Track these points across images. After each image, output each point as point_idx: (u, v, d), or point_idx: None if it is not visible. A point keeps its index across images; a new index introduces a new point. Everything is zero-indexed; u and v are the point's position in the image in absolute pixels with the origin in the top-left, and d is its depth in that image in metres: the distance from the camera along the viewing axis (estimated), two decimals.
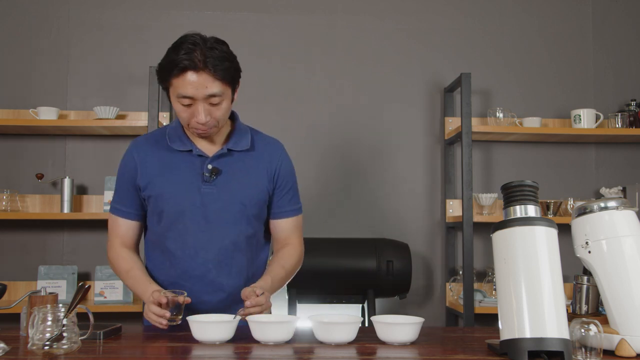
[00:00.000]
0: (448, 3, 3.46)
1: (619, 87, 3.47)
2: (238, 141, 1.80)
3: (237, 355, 1.38)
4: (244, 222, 1.77)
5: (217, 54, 1.65)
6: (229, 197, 1.74)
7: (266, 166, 1.81)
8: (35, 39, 3.30)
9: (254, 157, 1.81)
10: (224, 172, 1.76)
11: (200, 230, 1.74)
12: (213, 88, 1.64)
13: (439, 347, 1.48)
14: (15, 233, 3.22)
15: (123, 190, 1.82)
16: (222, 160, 1.77)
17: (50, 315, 1.33)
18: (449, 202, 3.32)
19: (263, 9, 3.39)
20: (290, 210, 1.85)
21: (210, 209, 1.73)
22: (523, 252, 1.30)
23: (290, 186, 1.86)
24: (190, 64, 1.62)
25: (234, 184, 1.75)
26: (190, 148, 1.77)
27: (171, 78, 1.66)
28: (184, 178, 1.75)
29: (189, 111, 1.68)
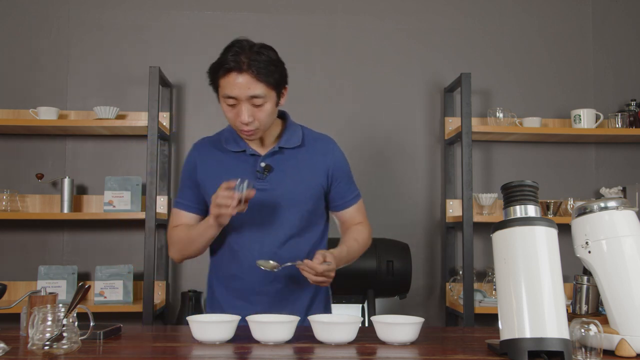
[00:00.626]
0: (448, 3, 3.46)
1: (619, 87, 3.47)
2: (289, 139, 1.87)
3: (237, 355, 1.38)
4: (297, 217, 1.83)
5: (263, 58, 1.73)
6: (282, 193, 1.81)
7: (319, 162, 1.88)
8: (35, 39, 3.30)
9: (306, 153, 1.88)
10: (277, 169, 1.83)
11: (255, 225, 1.81)
12: (256, 89, 1.71)
13: (439, 347, 1.48)
14: (15, 233, 3.22)
15: (186, 186, 1.92)
16: (275, 157, 1.84)
17: (50, 315, 1.33)
18: (449, 202, 3.32)
19: (263, 9, 3.39)
20: (351, 198, 1.94)
21: (264, 205, 1.80)
22: (523, 252, 1.30)
23: (347, 177, 1.93)
24: (235, 65, 1.71)
25: (286, 180, 1.82)
26: (243, 148, 1.85)
27: (218, 78, 1.75)
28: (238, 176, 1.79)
29: (234, 111, 1.75)
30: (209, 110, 3.33)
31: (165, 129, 3.17)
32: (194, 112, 3.34)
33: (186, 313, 2.99)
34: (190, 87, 3.35)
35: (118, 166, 3.27)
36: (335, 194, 1.90)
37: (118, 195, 3.06)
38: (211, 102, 3.32)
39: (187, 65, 3.34)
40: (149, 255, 2.85)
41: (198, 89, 3.34)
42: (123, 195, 3.06)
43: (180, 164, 3.31)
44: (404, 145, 3.37)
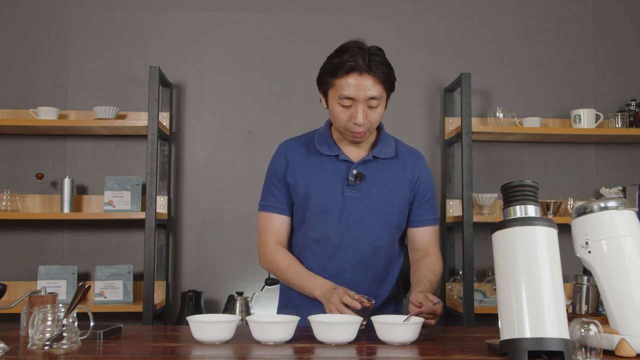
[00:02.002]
0: (448, 3, 3.46)
1: (619, 87, 3.47)
2: (383, 149, 1.87)
3: (237, 355, 1.38)
4: (384, 228, 1.82)
5: (379, 59, 1.74)
6: (370, 203, 1.80)
7: (408, 175, 1.87)
8: (35, 39, 3.30)
9: (397, 165, 1.88)
10: (368, 178, 1.82)
11: (340, 231, 1.80)
12: (374, 91, 1.71)
13: (439, 347, 1.48)
14: (15, 233, 3.22)
15: (275, 187, 1.88)
16: (367, 166, 1.84)
17: (50, 315, 1.33)
18: (449, 202, 3.32)
19: (263, 9, 3.39)
20: (429, 219, 1.90)
21: (352, 213, 1.80)
22: (523, 252, 1.30)
23: (430, 196, 1.91)
24: (355, 65, 1.70)
25: (376, 191, 1.82)
26: (337, 153, 1.84)
27: (334, 79, 1.73)
28: (329, 180, 1.82)
29: (348, 113, 1.74)
30: (209, 110, 3.34)
31: (165, 129, 3.17)
32: (194, 112, 3.34)
33: (186, 313, 2.99)
34: (190, 87, 3.35)
35: (118, 166, 3.27)
36: (414, 209, 1.89)
37: (118, 195, 3.06)
38: (211, 102, 3.35)
39: (187, 65, 3.34)
40: (149, 255, 2.85)
41: (198, 89, 3.34)
42: (123, 195, 3.06)
43: (181, 164, 3.31)
44: None
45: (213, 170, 3.32)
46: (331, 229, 1.80)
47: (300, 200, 1.84)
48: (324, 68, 1.78)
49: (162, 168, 3.22)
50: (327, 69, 1.76)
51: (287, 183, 1.86)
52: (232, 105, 3.35)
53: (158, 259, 3.16)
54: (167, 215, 3.21)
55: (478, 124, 3.29)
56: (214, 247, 3.27)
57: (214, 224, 3.28)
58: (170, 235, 3.28)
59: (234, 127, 3.33)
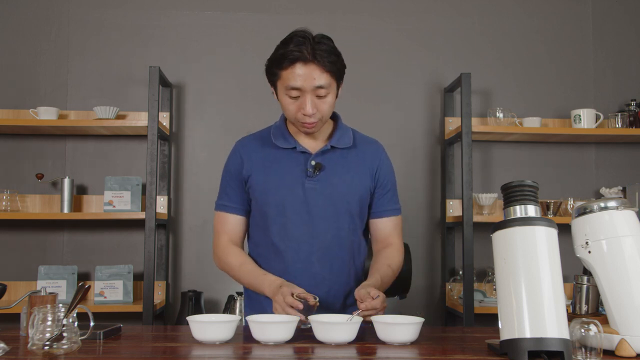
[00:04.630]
0: (448, 3, 3.46)
1: (619, 87, 3.47)
2: (340, 138, 1.85)
3: (237, 355, 1.38)
4: (346, 218, 1.81)
5: (325, 47, 1.70)
6: (331, 192, 1.79)
7: (368, 164, 1.86)
8: (35, 39, 3.30)
9: (357, 154, 1.86)
10: (327, 168, 1.80)
11: (303, 223, 1.78)
12: (321, 80, 1.69)
13: (439, 347, 1.48)
14: (15, 233, 3.22)
15: (229, 186, 1.87)
16: (325, 156, 1.82)
17: (50, 315, 1.33)
18: (449, 202, 3.32)
19: (263, 9, 3.39)
20: (390, 209, 1.89)
21: (312, 204, 1.78)
22: (523, 252, 1.30)
23: (390, 186, 1.90)
24: (300, 55, 1.67)
25: (336, 180, 1.80)
26: (293, 145, 1.82)
27: (280, 70, 1.71)
28: (287, 173, 1.80)
29: (296, 104, 1.72)
30: (209, 110, 3.34)
31: (165, 129, 3.17)
32: (194, 112, 3.34)
33: (186, 313, 2.99)
34: (190, 87, 3.35)
35: (118, 166, 3.27)
36: (375, 200, 1.87)
37: (118, 195, 3.06)
38: (211, 102, 3.35)
39: (187, 65, 3.34)
40: (149, 255, 2.85)
41: (198, 89, 3.34)
42: (123, 195, 3.06)
43: (180, 164, 3.31)
44: (404, 145, 3.37)
45: (213, 170, 3.31)
46: (294, 222, 1.78)
47: (259, 196, 1.81)
48: (270, 60, 1.75)
49: (162, 168, 3.22)
50: (272, 61, 1.74)
51: (243, 181, 1.84)
52: (232, 105, 3.35)
53: (158, 259, 3.16)
54: (167, 215, 3.21)
55: (478, 124, 3.29)
56: None
57: None
58: (170, 235, 3.28)
59: (234, 127, 3.33)
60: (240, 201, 1.86)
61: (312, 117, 1.72)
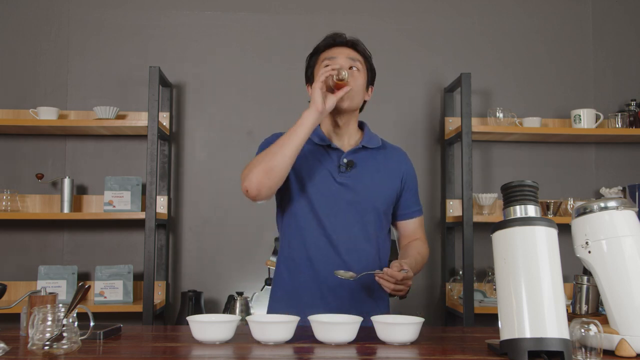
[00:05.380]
0: (448, 3, 3.46)
1: (619, 87, 3.47)
2: (370, 140, 1.95)
3: (237, 355, 1.38)
4: (373, 215, 1.87)
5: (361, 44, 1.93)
6: (361, 189, 1.86)
7: (395, 167, 1.95)
8: (35, 39, 3.30)
9: (385, 156, 1.96)
10: (358, 166, 1.88)
11: (333, 215, 1.84)
12: (355, 57, 1.87)
13: (439, 347, 1.48)
14: (15, 233, 3.22)
15: None
16: (357, 155, 1.90)
17: (50, 315, 1.33)
18: (449, 202, 3.32)
19: (263, 9, 3.39)
20: (416, 210, 2.00)
21: (343, 198, 1.85)
22: (523, 252, 1.30)
23: (415, 188, 2.01)
24: (337, 41, 1.89)
25: (366, 177, 1.88)
26: (328, 143, 1.89)
27: (319, 55, 1.90)
28: (321, 166, 1.87)
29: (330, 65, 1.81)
30: (209, 110, 3.34)
31: (165, 129, 3.17)
32: (194, 112, 3.34)
33: (186, 313, 2.99)
34: (190, 87, 3.35)
35: (118, 166, 3.27)
36: (402, 202, 1.96)
37: (118, 195, 3.06)
38: (211, 102, 3.35)
39: (187, 65, 3.34)
40: (149, 255, 2.85)
41: (198, 89, 3.34)
42: (123, 195, 3.06)
43: (181, 164, 3.31)
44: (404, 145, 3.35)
45: (213, 170, 3.32)
46: (324, 213, 1.83)
47: (292, 186, 1.85)
48: (309, 56, 1.94)
49: (162, 168, 3.22)
50: (311, 54, 1.93)
51: None
52: (232, 105, 3.35)
53: (158, 259, 3.16)
54: (167, 215, 3.21)
55: (478, 124, 3.29)
56: (214, 247, 3.27)
57: (214, 224, 3.28)
58: (170, 235, 3.28)
59: (234, 127, 3.33)
60: None
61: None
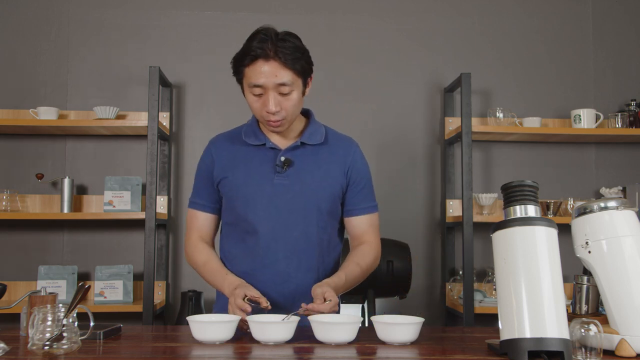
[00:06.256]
0: (448, 3, 3.46)
1: (619, 87, 3.47)
2: (312, 135, 1.84)
3: (237, 355, 1.38)
4: (315, 215, 1.78)
5: (288, 45, 1.68)
6: (300, 189, 1.77)
7: (340, 161, 1.83)
8: (35, 39, 3.30)
9: (328, 151, 1.84)
10: (297, 164, 1.79)
11: (271, 220, 1.76)
12: (283, 77, 1.68)
13: (439, 347, 1.48)
14: (15, 233, 3.22)
15: (201, 185, 1.88)
16: (295, 152, 1.81)
17: (50, 315, 1.33)
18: (449, 202, 3.32)
19: (263, 9, 3.39)
20: (364, 207, 1.87)
21: (281, 200, 1.76)
22: (523, 252, 1.30)
23: (364, 184, 1.87)
24: (261, 52, 1.67)
25: (306, 176, 1.78)
26: (263, 142, 1.82)
27: (244, 67, 1.71)
28: (257, 169, 1.80)
29: (260, 101, 1.72)
30: (209, 110, 3.34)
31: (165, 129, 3.17)
32: (194, 112, 3.34)
33: (186, 313, 2.99)
34: (190, 87, 3.35)
35: (118, 166, 3.27)
36: (347, 198, 1.85)
37: (118, 195, 3.06)
38: (211, 102, 3.35)
39: (187, 65, 3.34)
40: (149, 255, 2.85)
41: (198, 89, 3.34)
42: (123, 195, 3.06)
43: (181, 164, 3.31)
44: (404, 145, 3.37)
45: None
46: (261, 217, 1.76)
47: (228, 192, 1.81)
48: (234, 58, 1.76)
49: (162, 168, 3.22)
50: (236, 59, 1.74)
51: (214, 180, 1.84)
52: (232, 105, 3.34)
53: (158, 259, 3.16)
54: (167, 215, 3.21)
55: (478, 124, 3.29)
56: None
57: None
58: (170, 235, 3.28)
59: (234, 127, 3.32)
60: (210, 199, 1.86)
61: (277, 114, 1.71)
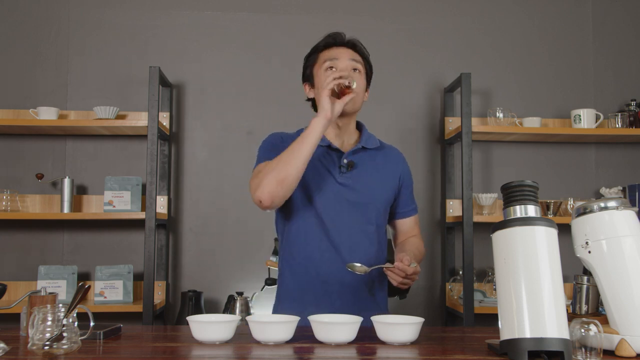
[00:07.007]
0: (448, 3, 3.46)
1: (619, 87, 3.47)
2: (369, 140, 1.97)
3: (237, 355, 1.38)
4: (373, 213, 1.91)
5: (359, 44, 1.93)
6: (361, 188, 1.89)
7: (393, 167, 1.99)
8: (35, 39, 3.30)
9: (384, 156, 1.99)
10: (359, 166, 1.91)
11: (335, 214, 1.86)
12: (356, 58, 1.89)
13: (439, 347, 1.48)
14: (15, 233, 3.22)
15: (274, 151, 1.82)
16: (357, 155, 1.93)
17: (50, 315, 1.33)
18: (449, 202, 3.32)
19: (263, 9, 3.39)
20: (412, 208, 2.05)
21: (344, 197, 1.87)
22: (523, 252, 1.30)
23: (411, 187, 2.05)
24: (336, 40, 1.90)
25: (366, 177, 1.91)
26: (327, 143, 1.91)
27: (318, 54, 1.91)
28: (323, 167, 1.89)
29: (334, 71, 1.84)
30: (209, 110, 3.34)
31: (165, 129, 3.17)
32: (194, 112, 3.34)
33: (186, 313, 2.99)
34: (190, 87, 3.35)
35: (118, 166, 3.27)
36: (399, 201, 2.00)
37: (118, 195, 3.06)
38: (211, 102, 3.35)
39: (187, 65, 3.34)
40: (149, 255, 2.85)
41: (198, 89, 3.34)
42: (123, 195, 3.06)
43: (181, 164, 3.31)
44: (404, 145, 3.36)
45: (213, 170, 3.32)
46: (325, 212, 1.86)
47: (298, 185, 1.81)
48: (308, 54, 1.95)
49: (162, 168, 3.22)
50: (310, 53, 1.94)
51: None
52: (232, 105, 3.35)
53: (158, 259, 3.16)
54: (167, 215, 3.21)
55: (478, 124, 3.29)
56: (214, 247, 3.27)
57: (214, 224, 3.28)
58: (170, 235, 3.28)
59: (234, 127, 3.33)
60: None
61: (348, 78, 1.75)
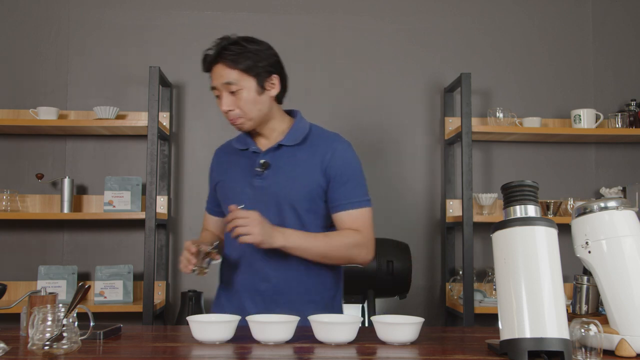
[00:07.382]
0: (448, 3, 3.46)
1: (619, 87, 3.47)
2: (292, 136, 1.88)
3: (237, 355, 1.38)
4: (292, 215, 1.81)
5: (236, 47, 1.80)
6: (276, 190, 1.83)
7: (318, 159, 1.84)
8: (35, 39, 3.30)
9: (307, 151, 1.86)
10: (274, 166, 1.85)
11: None
12: (229, 76, 1.79)
13: (439, 347, 1.48)
14: (15, 233, 3.22)
15: (210, 190, 2.05)
16: (274, 154, 1.87)
17: (50, 315, 1.33)
18: (449, 202, 3.32)
19: (263, 9, 3.39)
20: (347, 202, 1.81)
21: (260, 201, 1.82)
22: (523, 252, 1.30)
23: (347, 179, 1.83)
24: (209, 57, 1.84)
25: (282, 177, 1.83)
26: (247, 146, 1.91)
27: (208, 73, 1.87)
28: (240, 173, 1.89)
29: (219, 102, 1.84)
30: (209, 110, 3.34)
31: (165, 129, 3.17)
32: (194, 112, 3.34)
33: (186, 313, 2.99)
34: (190, 87, 3.35)
35: (118, 166, 3.27)
36: (330, 195, 1.83)
37: (118, 195, 3.06)
38: (211, 102, 3.32)
39: (187, 65, 3.34)
40: (149, 255, 2.85)
41: (198, 89, 3.34)
42: (123, 195, 3.06)
43: (180, 164, 3.31)
44: (404, 145, 3.37)
45: None
46: None
47: (221, 196, 1.95)
48: None
49: (162, 168, 3.22)
50: None
51: (214, 184, 1.99)
52: None
53: (158, 259, 3.16)
54: (167, 215, 3.21)
55: (478, 124, 3.29)
56: None
57: None
58: (170, 235, 3.28)
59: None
60: (215, 203, 2.01)
61: (230, 114, 1.82)
